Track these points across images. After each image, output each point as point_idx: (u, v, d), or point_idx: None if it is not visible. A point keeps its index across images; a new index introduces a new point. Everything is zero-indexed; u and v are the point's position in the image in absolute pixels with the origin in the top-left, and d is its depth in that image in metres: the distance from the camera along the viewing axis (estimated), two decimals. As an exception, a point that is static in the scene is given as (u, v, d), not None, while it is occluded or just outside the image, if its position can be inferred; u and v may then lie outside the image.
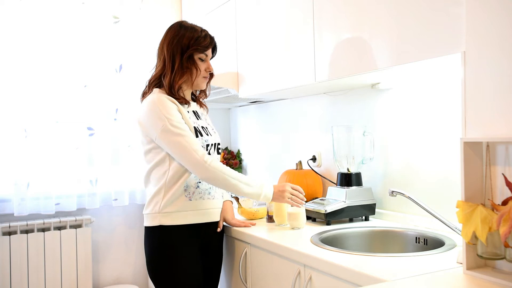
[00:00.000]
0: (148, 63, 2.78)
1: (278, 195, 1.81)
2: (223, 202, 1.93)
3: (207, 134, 1.84)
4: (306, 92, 2.34)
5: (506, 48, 1.12)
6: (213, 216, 1.86)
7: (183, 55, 1.79)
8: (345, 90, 2.24)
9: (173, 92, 1.79)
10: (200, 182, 1.80)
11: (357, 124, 2.14)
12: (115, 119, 2.82)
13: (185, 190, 1.78)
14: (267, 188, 1.80)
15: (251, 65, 2.36)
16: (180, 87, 1.83)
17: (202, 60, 1.84)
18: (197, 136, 1.77)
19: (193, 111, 1.87)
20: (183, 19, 3.09)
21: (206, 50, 1.84)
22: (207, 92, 1.98)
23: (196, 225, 1.80)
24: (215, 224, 1.89)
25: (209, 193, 1.84)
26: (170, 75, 1.79)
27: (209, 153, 1.81)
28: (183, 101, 1.82)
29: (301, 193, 1.85)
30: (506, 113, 1.12)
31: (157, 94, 1.77)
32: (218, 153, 1.91)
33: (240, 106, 3.16)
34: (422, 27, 1.40)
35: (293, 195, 1.82)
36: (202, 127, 1.84)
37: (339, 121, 2.28)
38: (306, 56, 1.93)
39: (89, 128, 2.76)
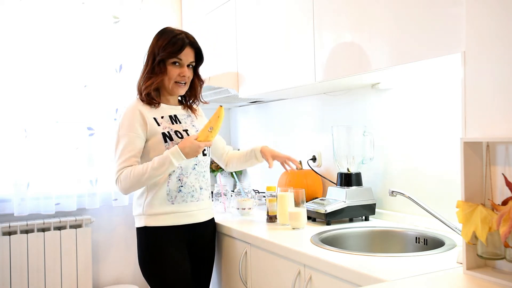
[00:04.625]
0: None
1: (184, 146, 1.73)
2: (261, 147, 2.07)
3: (181, 138, 1.82)
4: (306, 92, 2.34)
5: (506, 48, 1.12)
6: (197, 217, 1.88)
7: (155, 60, 1.82)
8: (345, 90, 2.24)
9: (143, 97, 1.83)
10: (182, 186, 1.82)
11: (357, 124, 2.14)
12: (115, 119, 2.81)
13: (168, 194, 1.81)
14: (171, 151, 1.72)
15: (251, 65, 2.36)
16: (159, 93, 1.87)
17: (176, 64, 1.83)
18: (166, 141, 1.79)
19: (170, 116, 1.87)
20: (183, 20, 3.12)
21: (177, 55, 1.81)
22: (201, 99, 1.99)
23: (180, 226, 1.83)
24: (202, 224, 1.90)
25: (192, 196, 1.85)
26: (140, 80, 1.86)
27: None
28: (154, 104, 1.83)
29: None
30: (506, 113, 1.12)
31: (131, 103, 1.84)
32: (204, 154, 1.90)
33: (240, 106, 3.16)
34: (422, 27, 1.40)
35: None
36: (176, 132, 1.83)
37: (339, 121, 2.28)
38: (306, 56, 1.93)
39: (89, 128, 2.76)
